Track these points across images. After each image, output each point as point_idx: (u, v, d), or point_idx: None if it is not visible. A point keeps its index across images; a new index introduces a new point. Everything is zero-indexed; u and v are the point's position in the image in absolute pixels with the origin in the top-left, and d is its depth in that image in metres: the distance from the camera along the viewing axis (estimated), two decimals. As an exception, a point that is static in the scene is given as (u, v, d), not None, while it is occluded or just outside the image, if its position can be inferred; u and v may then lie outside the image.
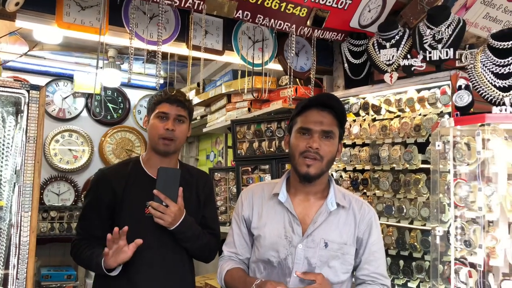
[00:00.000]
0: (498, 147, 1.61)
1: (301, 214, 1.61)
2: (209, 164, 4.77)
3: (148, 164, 1.96)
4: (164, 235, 1.84)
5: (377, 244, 1.64)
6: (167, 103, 1.90)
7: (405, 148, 2.30)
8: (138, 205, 1.86)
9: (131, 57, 2.11)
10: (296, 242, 1.56)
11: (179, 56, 3.21)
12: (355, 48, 2.63)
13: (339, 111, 1.58)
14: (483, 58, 1.70)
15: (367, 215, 1.63)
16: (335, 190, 1.62)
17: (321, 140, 1.55)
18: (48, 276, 4.19)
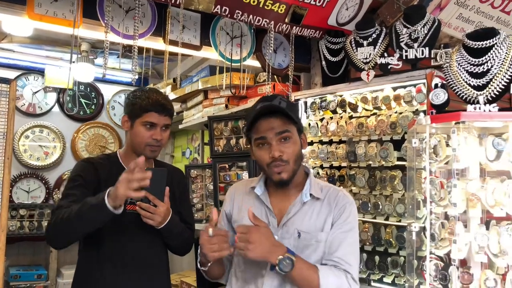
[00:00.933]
0: (472, 144, 1.65)
1: (277, 206, 1.64)
2: (185, 161, 4.72)
3: (126, 162, 1.93)
4: (142, 231, 1.84)
5: (346, 227, 1.56)
6: (155, 112, 1.85)
7: (381, 145, 2.33)
8: None
9: (106, 51, 2.06)
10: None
11: (155, 51, 3.16)
12: (332, 45, 2.65)
13: (285, 112, 1.56)
14: (458, 57, 1.73)
15: (342, 201, 1.60)
16: (311, 183, 1.64)
17: (280, 144, 1.55)
18: (17, 276, 4.07)
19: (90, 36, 2.44)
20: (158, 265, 1.94)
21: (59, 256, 4.39)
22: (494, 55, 1.64)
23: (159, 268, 1.94)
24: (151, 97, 1.86)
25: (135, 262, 1.85)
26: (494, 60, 1.65)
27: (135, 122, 1.87)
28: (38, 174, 4.63)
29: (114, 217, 1.81)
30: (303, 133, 1.65)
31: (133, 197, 1.56)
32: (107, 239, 1.83)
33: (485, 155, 1.61)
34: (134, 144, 1.91)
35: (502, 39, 1.66)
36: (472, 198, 1.63)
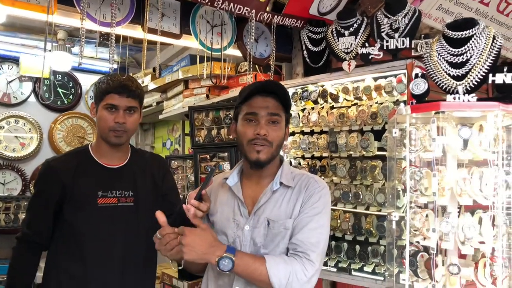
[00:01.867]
0: (450, 134, 1.66)
1: (249, 197, 1.63)
2: (165, 152, 4.67)
3: (98, 153, 1.87)
4: (119, 224, 1.80)
5: (312, 212, 1.52)
6: (115, 93, 1.77)
7: (362, 135, 2.34)
8: (89, 195, 1.78)
9: (82, 39, 2.00)
10: (243, 224, 1.58)
11: (134, 40, 3.09)
12: (314, 35, 2.63)
13: (282, 96, 1.58)
14: (439, 47, 1.74)
15: (311, 187, 1.57)
16: (282, 171, 1.62)
17: (268, 125, 1.54)
18: (-6, 270, 3.98)
19: (66, 23, 2.37)
20: (145, 258, 1.89)
21: (37, 249, 4.30)
22: (473, 45, 1.66)
23: (146, 262, 1.90)
24: (113, 79, 1.80)
25: (118, 254, 1.81)
26: (473, 51, 1.66)
27: (99, 107, 1.81)
28: (14, 166, 4.51)
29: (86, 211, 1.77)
30: (288, 126, 1.65)
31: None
32: (83, 235, 1.78)
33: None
34: (100, 131, 1.85)
35: (481, 29, 1.68)
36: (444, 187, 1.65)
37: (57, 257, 1.83)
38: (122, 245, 1.82)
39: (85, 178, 1.81)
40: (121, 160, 1.90)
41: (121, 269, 1.81)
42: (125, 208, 1.82)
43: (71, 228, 1.78)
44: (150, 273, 1.96)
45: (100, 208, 1.77)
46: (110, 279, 1.79)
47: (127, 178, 1.88)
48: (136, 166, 1.93)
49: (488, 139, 1.59)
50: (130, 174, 1.90)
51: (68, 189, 1.78)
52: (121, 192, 1.84)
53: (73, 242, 1.79)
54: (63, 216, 1.80)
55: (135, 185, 1.88)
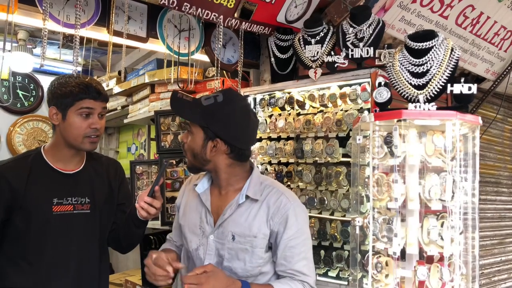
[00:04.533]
0: (412, 141, 1.72)
1: (216, 205, 1.62)
2: (130, 157, 4.57)
3: (53, 158, 1.75)
4: (75, 232, 1.72)
5: (296, 239, 1.53)
6: (91, 99, 1.69)
7: (327, 142, 2.38)
8: (44, 203, 1.68)
9: (44, 40, 1.94)
10: (208, 233, 1.58)
11: (99, 42, 3.03)
12: (281, 42, 2.66)
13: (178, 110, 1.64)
14: (401, 57, 1.79)
15: (283, 208, 1.54)
16: (250, 183, 1.59)
17: (186, 133, 1.62)
18: None
19: (27, 23, 2.29)
20: (99, 268, 1.82)
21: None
22: (433, 56, 1.72)
23: (100, 271, 1.83)
24: (82, 83, 1.70)
25: (74, 268, 1.72)
26: (433, 61, 1.72)
27: (68, 113, 1.68)
28: (-31, 170, 4.31)
29: (40, 218, 1.67)
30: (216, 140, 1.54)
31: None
32: (36, 245, 1.68)
33: (424, 151, 1.68)
34: (68, 138, 1.71)
35: (440, 41, 1.74)
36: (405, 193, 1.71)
37: (1, 270, 1.69)
38: (77, 254, 1.73)
39: (39, 185, 1.70)
40: (77, 165, 1.80)
41: (76, 279, 1.73)
42: (81, 216, 1.73)
43: (22, 237, 1.67)
44: (104, 280, 1.89)
45: (55, 217, 1.68)
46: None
47: (83, 184, 1.78)
48: (93, 171, 1.83)
49: (446, 147, 1.65)
50: (86, 179, 1.80)
51: (20, 197, 1.66)
52: (77, 199, 1.74)
53: (24, 252, 1.67)
54: (12, 225, 1.67)
55: (92, 192, 1.79)
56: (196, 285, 1.37)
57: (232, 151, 1.54)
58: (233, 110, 1.54)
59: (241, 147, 1.56)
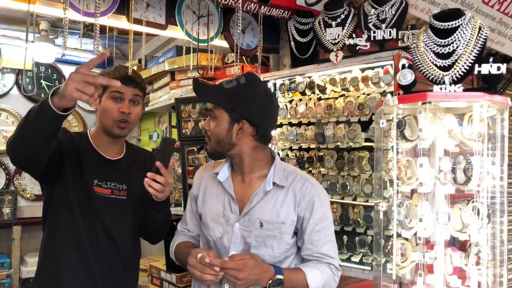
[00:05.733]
0: (437, 124, 1.68)
1: (240, 193, 1.62)
2: (152, 145, 4.62)
3: (96, 142, 1.86)
4: (113, 215, 1.78)
5: (321, 223, 1.59)
6: (122, 83, 1.73)
7: (349, 126, 2.35)
8: (87, 178, 1.77)
9: (65, 30, 1.96)
10: (233, 221, 1.58)
11: (119, 31, 3.04)
12: (301, 26, 2.62)
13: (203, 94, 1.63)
14: (425, 38, 1.74)
15: (309, 193, 1.59)
16: (276, 170, 1.61)
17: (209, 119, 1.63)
18: (-22, 265, 3.93)
19: (48, 13, 2.31)
20: (130, 251, 1.87)
21: (22, 244, 4.25)
22: (460, 36, 1.66)
23: (131, 255, 1.88)
24: (118, 70, 1.81)
25: (104, 249, 1.78)
26: (459, 41, 1.67)
27: (103, 97, 1.79)
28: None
29: (83, 201, 1.74)
30: (242, 122, 1.56)
31: (78, 98, 1.35)
32: (73, 224, 1.75)
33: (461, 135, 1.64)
34: (102, 122, 1.83)
35: (467, 20, 1.68)
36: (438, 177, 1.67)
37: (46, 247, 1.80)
38: (112, 236, 1.79)
39: (84, 163, 1.79)
40: (117, 154, 1.90)
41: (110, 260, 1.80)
42: (118, 201, 1.80)
43: (69, 207, 1.75)
44: (133, 265, 1.94)
45: (96, 197, 1.77)
46: (98, 270, 1.77)
47: (122, 172, 1.87)
48: (131, 161, 1.93)
49: (474, 129, 1.60)
50: (125, 168, 1.89)
51: (72, 160, 1.75)
52: (115, 185, 1.83)
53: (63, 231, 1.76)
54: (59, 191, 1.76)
55: (130, 180, 1.87)
56: (233, 270, 1.41)
57: (257, 132, 1.57)
58: (257, 91, 1.57)
59: (266, 128, 1.59)
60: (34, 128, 1.44)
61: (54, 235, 1.77)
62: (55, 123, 1.44)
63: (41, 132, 1.46)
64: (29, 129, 1.46)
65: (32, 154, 1.55)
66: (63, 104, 1.38)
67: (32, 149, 1.51)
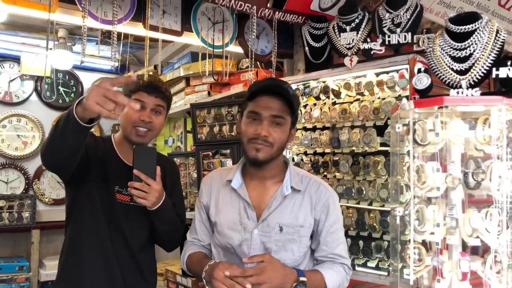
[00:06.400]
0: (454, 128, 1.66)
1: (256, 199, 1.61)
2: (167, 150, 4.67)
3: (119, 148, 1.87)
4: (132, 222, 1.79)
5: (335, 225, 1.63)
6: (145, 92, 1.78)
7: (364, 131, 2.34)
8: (109, 184, 1.79)
9: (84, 37, 2.00)
10: (252, 228, 1.57)
11: (135, 37, 3.09)
12: (315, 31, 2.63)
13: (289, 98, 1.56)
14: (441, 42, 1.73)
15: (324, 197, 1.61)
16: (291, 174, 1.62)
17: (271, 127, 1.54)
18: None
19: (67, 21, 2.36)
20: (145, 257, 1.88)
21: (41, 247, 4.32)
22: (477, 39, 1.65)
23: (146, 260, 1.89)
24: (143, 78, 1.81)
25: (122, 254, 1.79)
26: (476, 45, 1.65)
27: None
28: (17, 165, 4.52)
29: (106, 206, 1.75)
30: (294, 128, 1.65)
31: (98, 112, 1.36)
32: (91, 228, 1.78)
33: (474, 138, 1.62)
34: (124, 129, 1.83)
35: (484, 23, 1.67)
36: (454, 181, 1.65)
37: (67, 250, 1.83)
38: (130, 243, 1.81)
39: (107, 168, 1.80)
40: None
41: (127, 266, 1.81)
42: (137, 208, 1.78)
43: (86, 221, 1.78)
44: (153, 271, 1.95)
45: (117, 204, 1.78)
46: (117, 275, 1.78)
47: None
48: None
49: (492, 133, 1.58)
50: None
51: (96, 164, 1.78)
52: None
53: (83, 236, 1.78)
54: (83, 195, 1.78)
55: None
56: (254, 276, 1.40)
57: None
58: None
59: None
60: (62, 137, 1.48)
61: (77, 238, 1.79)
62: (80, 134, 1.47)
63: (68, 141, 1.49)
64: (57, 138, 1.50)
65: (61, 161, 1.60)
66: (86, 115, 1.40)
67: (61, 156, 1.56)
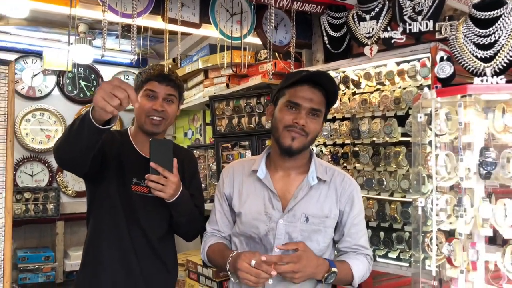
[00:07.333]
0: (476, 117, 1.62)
1: (281, 190, 1.62)
2: (187, 142, 4.71)
3: (135, 140, 1.91)
4: (150, 213, 1.82)
5: (359, 217, 1.66)
6: (156, 81, 1.82)
7: (385, 121, 2.31)
8: (126, 177, 1.82)
9: (105, 31, 2.02)
10: (277, 218, 1.57)
11: (153, 31, 3.11)
12: (334, 20, 2.60)
13: (330, 92, 1.58)
14: (465, 29, 1.69)
15: (349, 188, 1.64)
16: (316, 165, 1.63)
17: (308, 117, 1.55)
18: (25, 258, 4.11)
19: (88, 15, 2.40)
20: (165, 247, 1.91)
21: (66, 238, 4.43)
22: (502, 25, 1.61)
23: (166, 250, 1.93)
24: (154, 68, 1.85)
25: (141, 245, 1.83)
26: (501, 31, 1.61)
27: (138, 95, 1.83)
28: (41, 158, 4.63)
29: (124, 199, 1.79)
30: (324, 121, 1.67)
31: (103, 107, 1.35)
32: (110, 220, 1.82)
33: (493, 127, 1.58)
34: (137, 119, 1.88)
35: (510, 9, 1.62)
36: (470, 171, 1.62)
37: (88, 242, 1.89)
38: (148, 233, 1.84)
39: (124, 161, 1.84)
40: None
41: (147, 257, 1.85)
42: (155, 199, 1.79)
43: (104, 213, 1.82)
44: (173, 262, 1.98)
45: (133, 196, 1.81)
46: (136, 267, 1.82)
47: None
48: None
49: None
50: None
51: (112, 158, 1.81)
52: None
53: (102, 228, 1.84)
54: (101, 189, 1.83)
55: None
56: (290, 264, 1.41)
57: None
58: None
59: None
60: (76, 138, 1.50)
61: (97, 232, 1.84)
62: (95, 136, 1.49)
63: (83, 142, 1.51)
64: (72, 139, 1.52)
65: (74, 160, 1.62)
66: (97, 115, 1.40)
67: (74, 156, 1.58)
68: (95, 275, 1.81)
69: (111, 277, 1.79)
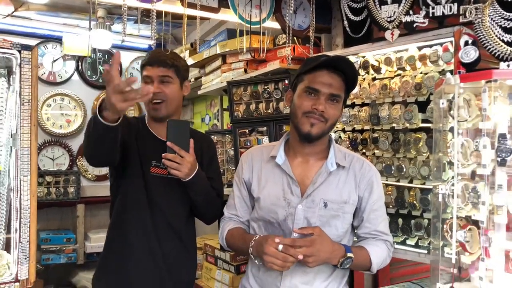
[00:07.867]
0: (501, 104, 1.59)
1: (300, 175, 1.62)
2: (204, 127, 4.73)
3: (151, 125, 1.96)
4: (168, 194, 1.86)
5: (378, 202, 1.65)
6: (148, 65, 1.86)
7: (405, 107, 2.28)
8: (145, 161, 1.87)
9: (125, 16, 2.03)
10: (296, 203, 1.58)
11: (172, 16, 3.10)
12: (355, 4, 2.55)
13: (350, 77, 1.56)
14: (491, 12, 1.64)
15: (368, 174, 1.63)
16: (335, 151, 1.62)
17: (327, 102, 1.53)
18: (48, 240, 4.23)
19: (107, 0, 2.40)
20: (185, 229, 1.96)
21: (86, 221, 4.53)
22: (530, 8, 1.56)
23: (186, 232, 1.96)
24: (150, 53, 1.90)
25: (162, 226, 1.87)
26: (530, 14, 1.56)
27: (141, 84, 1.89)
28: (62, 142, 4.71)
29: (145, 182, 1.84)
30: (343, 106, 1.65)
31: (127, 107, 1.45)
32: (133, 203, 1.86)
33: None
34: (145, 108, 1.94)
35: (539, -9, 1.57)
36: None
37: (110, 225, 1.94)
38: (167, 215, 1.89)
39: (142, 145, 1.89)
40: None
41: (165, 239, 1.89)
42: (174, 180, 1.84)
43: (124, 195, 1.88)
44: (192, 243, 2.02)
45: (152, 177, 1.85)
46: (155, 249, 1.86)
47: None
48: None
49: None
50: None
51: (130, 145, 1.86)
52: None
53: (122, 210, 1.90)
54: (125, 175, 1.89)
55: None
56: (303, 247, 1.42)
57: None
58: None
59: None
60: (94, 138, 1.58)
61: (121, 214, 1.90)
62: (109, 133, 1.55)
63: (101, 141, 1.58)
64: (91, 140, 1.60)
65: (103, 158, 1.72)
66: (108, 114, 1.49)
67: (101, 155, 1.68)
68: (118, 257, 1.85)
69: (136, 260, 1.84)
